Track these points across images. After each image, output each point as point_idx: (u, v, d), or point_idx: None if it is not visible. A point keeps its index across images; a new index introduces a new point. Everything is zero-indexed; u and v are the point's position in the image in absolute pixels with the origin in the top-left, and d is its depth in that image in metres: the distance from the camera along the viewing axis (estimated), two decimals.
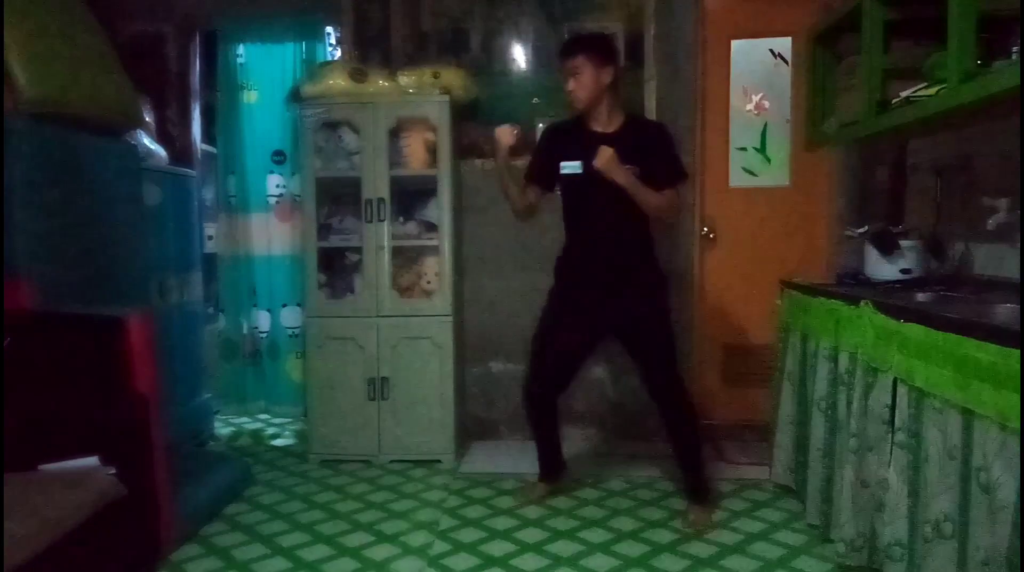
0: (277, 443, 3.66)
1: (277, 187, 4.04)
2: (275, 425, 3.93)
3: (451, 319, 3.27)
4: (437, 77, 3.27)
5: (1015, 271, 2.25)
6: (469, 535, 2.54)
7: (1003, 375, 1.45)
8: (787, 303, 2.84)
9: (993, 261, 2.41)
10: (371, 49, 3.62)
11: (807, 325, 2.59)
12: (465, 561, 2.34)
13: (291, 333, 4.07)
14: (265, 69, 3.98)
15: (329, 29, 3.92)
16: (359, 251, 3.32)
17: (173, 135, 3.92)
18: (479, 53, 3.57)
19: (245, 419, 4.05)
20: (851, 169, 3.41)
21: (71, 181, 2.44)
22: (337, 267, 3.47)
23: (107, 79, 2.64)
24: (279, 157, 4.03)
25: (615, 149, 2.42)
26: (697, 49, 3.51)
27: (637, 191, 2.44)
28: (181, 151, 3.89)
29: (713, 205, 3.62)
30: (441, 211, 3.29)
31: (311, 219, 3.34)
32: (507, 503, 2.81)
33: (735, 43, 3.58)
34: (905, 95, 2.30)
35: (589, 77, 2.51)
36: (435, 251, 3.32)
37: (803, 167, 3.55)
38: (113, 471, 1.95)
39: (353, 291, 3.38)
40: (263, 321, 4.09)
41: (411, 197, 3.41)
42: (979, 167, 2.48)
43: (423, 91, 3.26)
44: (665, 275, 2.72)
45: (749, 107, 3.61)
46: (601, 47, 2.58)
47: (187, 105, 4.01)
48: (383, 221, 3.24)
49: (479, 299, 3.60)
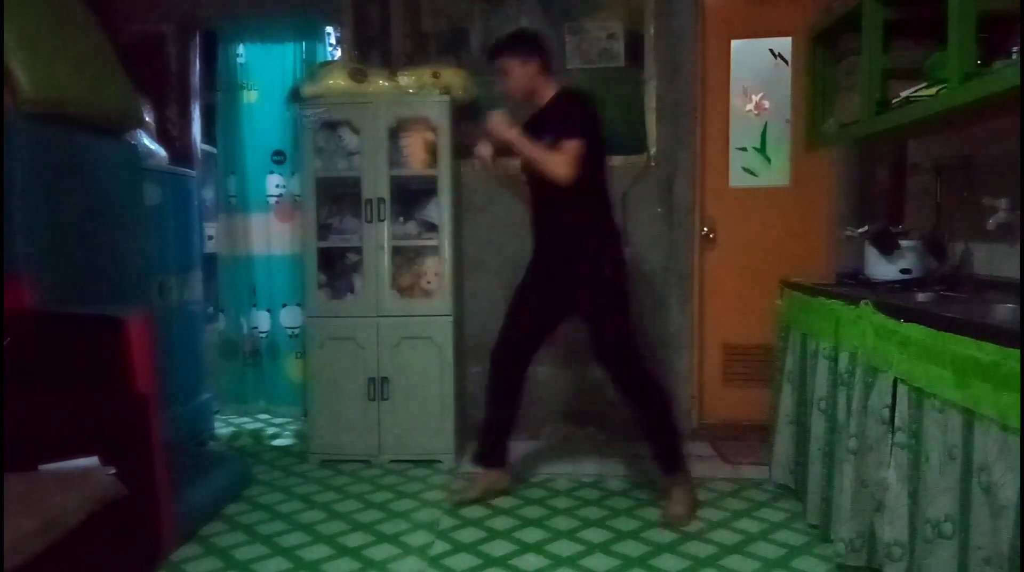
0: (277, 443, 3.66)
1: (277, 187, 4.04)
2: (275, 425, 3.93)
3: (451, 319, 3.27)
4: (437, 77, 3.28)
5: (1015, 271, 2.25)
6: (469, 535, 2.55)
7: (1003, 375, 1.45)
8: (787, 303, 2.84)
9: (993, 261, 2.41)
10: (371, 49, 3.63)
11: (807, 325, 2.59)
12: (465, 561, 2.34)
13: (291, 333, 4.07)
14: (265, 69, 3.98)
15: (329, 29, 3.92)
16: (359, 251, 3.32)
17: (173, 135, 3.92)
18: (479, 53, 3.57)
19: (245, 419, 4.05)
20: (851, 169, 3.41)
21: (71, 181, 2.44)
22: (337, 267, 3.47)
23: (107, 79, 2.64)
24: (279, 157, 4.03)
25: (540, 122, 2.68)
26: (697, 49, 3.51)
27: (521, 147, 2.63)
28: (181, 151, 3.89)
29: (713, 205, 3.62)
30: (441, 211, 3.29)
31: (311, 219, 3.34)
32: (507, 503, 2.81)
33: (735, 43, 3.58)
34: (905, 95, 2.29)
35: (516, 72, 2.73)
36: (435, 251, 3.32)
37: (803, 167, 3.55)
38: (113, 471, 1.95)
39: (353, 291, 3.38)
40: (263, 321, 4.09)
41: (411, 197, 3.41)
42: (979, 167, 2.48)
43: (423, 91, 3.27)
44: (611, 254, 2.72)
45: (749, 107, 3.61)
46: (520, 44, 2.76)
47: (187, 105, 4.01)
48: (383, 221, 3.24)
49: (479, 299, 3.60)
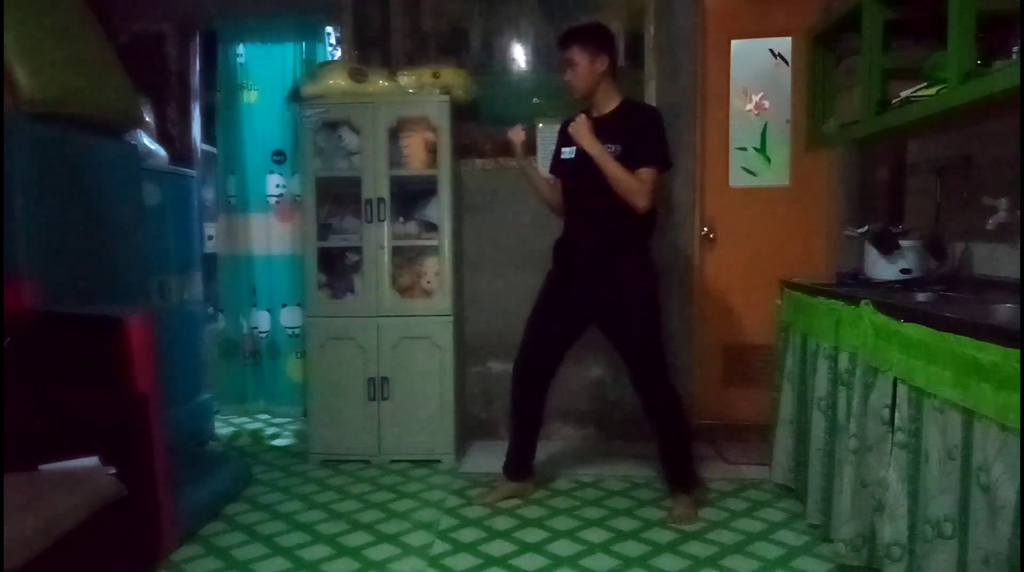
0: (277, 443, 3.66)
1: (277, 187, 4.05)
2: (275, 425, 3.94)
3: (451, 319, 3.27)
4: (437, 77, 3.28)
5: (1015, 271, 2.25)
6: (469, 535, 2.54)
7: (1003, 375, 1.45)
8: (787, 303, 2.83)
9: (993, 261, 2.41)
10: (371, 49, 3.63)
11: (807, 325, 2.59)
12: (465, 561, 2.34)
13: (291, 333, 4.07)
14: (265, 69, 3.98)
15: (329, 29, 3.92)
16: (359, 251, 3.32)
17: (173, 135, 3.92)
18: (479, 53, 3.57)
19: (245, 419, 4.05)
20: (851, 169, 3.41)
21: (71, 181, 2.44)
22: (337, 267, 3.47)
23: (107, 79, 2.63)
24: (279, 157, 4.03)
25: (602, 129, 2.57)
26: (697, 49, 3.51)
27: (604, 162, 2.53)
28: (181, 151, 3.89)
29: (713, 205, 3.62)
30: (441, 211, 3.29)
31: (311, 219, 3.34)
32: (507, 503, 2.81)
33: (735, 43, 3.58)
34: (905, 95, 2.30)
35: (584, 67, 2.62)
36: (435, 251, 3.32)
37: (803, 167, 3.55)
38: (113, 471, 1.95)
39: (353, 291, 3.37)
40: (263, 321, 4.09)
41: (411, 197, 3.42)
42: (979, 167, 2.48)
43: (423, 91, 3.26)
44: (653, 268, 2.72)
45: (749, 107, 3.61)
46: (594, 37, 2.67)
47: (187, 105, 4.01)
48: (383, 221, 3.24)
49: (479, 299, 3.60)
